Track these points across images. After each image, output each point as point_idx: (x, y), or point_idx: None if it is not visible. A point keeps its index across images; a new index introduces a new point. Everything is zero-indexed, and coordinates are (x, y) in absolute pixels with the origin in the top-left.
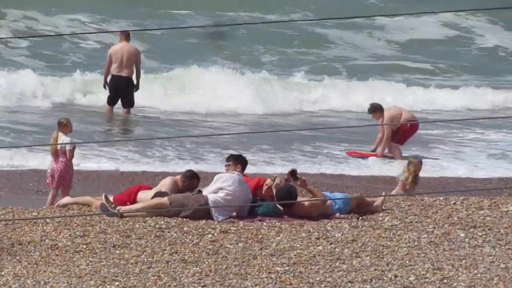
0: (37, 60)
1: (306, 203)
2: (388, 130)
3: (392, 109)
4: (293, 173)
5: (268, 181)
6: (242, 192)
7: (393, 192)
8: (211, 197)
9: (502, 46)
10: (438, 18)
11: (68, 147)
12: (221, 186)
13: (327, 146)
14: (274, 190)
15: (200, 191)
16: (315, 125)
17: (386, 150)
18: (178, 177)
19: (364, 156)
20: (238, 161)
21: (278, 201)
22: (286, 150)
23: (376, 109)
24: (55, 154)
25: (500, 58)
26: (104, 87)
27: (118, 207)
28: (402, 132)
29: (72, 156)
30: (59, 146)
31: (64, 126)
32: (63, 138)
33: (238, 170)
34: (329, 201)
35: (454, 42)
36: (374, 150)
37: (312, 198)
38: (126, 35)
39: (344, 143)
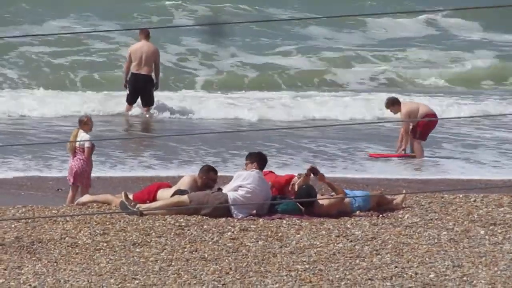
0: None
1: (324, 203)
2: (406, 125)
3: (408, 104)
4: (312, 169)
5: (295, 179)
6: (261, 190)
7: None
8: (231, 195)
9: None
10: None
11: (86, 144)
12: (240, 184)
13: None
14: (296, 188)
15: (220, 189)
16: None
17: (408, 150)
18: (197, 175)
19: (387, 158)
20: (254, 159)
21: (298, 199)
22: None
23: (394, 103)
24: (73, 151)
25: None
26: (125, 86)
27: (138, 205)
28: (421, 127)
29: (90, 153)
30: (77, 143)
31: (84, 124)
32: (82, 135)
33: (254, 168)
34: (348, 199)
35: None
36: (399, 149)
37: (331, 197)
38: (146, 34)
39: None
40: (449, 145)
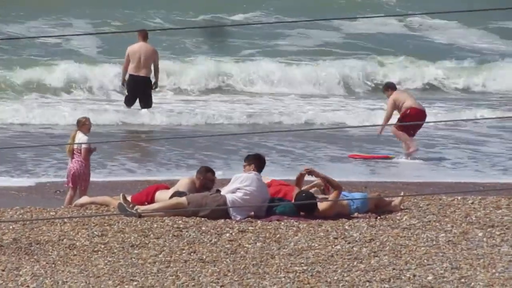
0: None
1: (320, 207)
2: (388, 109)
3: (398, 93)
4: (307, 170)
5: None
6: (260, 192)
7: None
8: (229, 197)
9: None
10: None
11: (84, 146)
12: (239, 186)
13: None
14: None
15: (218, 191)
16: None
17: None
18: (195, 177)
19: (367, 159)
20: (252, 161)
21: (296, 202)
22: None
23: (387, 88)
24: (71, 153)
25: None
26: (123, 85)
27: (136, 207)
28: (402, 118)
29: (87, 155)
30: (75, 145)
31: (83, 125)
32: (80, 137)
33: (252, 169)
34: (346, 201)
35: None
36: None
37: (328, 199)
38: (144, 35)
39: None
40: (446, 148)
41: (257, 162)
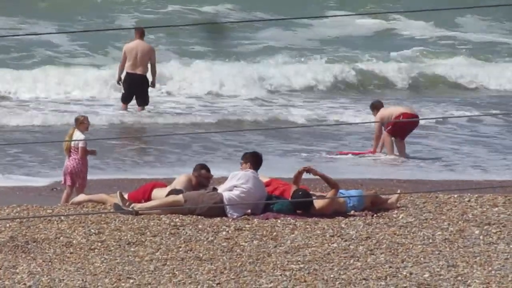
0: None
1: (317, 205)
2: (376, 128)
3: (385, 110)
4: (305, 169)
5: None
6: (256, 190)
7: None
8: (226, 195)
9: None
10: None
11: (81, 144)
12: (235, 183)
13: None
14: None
15: (215, 189)
16: None
17: (395, 149)
18: (192, 174)
19: (356, 155)
20: (249, 159)
21: (293, 200)
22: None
23: (373, 107)
24: (68, 151)
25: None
26: (118, 83)
27: (133, 205)
28: (392, 124)
29: (84, 153)
30: (72, 143)
31: (81, 123)
32: (77, 135)
33: (249, 167)
34: (343, 199)
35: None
36: (375, 148)
37: (323, 197)
38: (140, 33)
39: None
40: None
41: (253, 160)
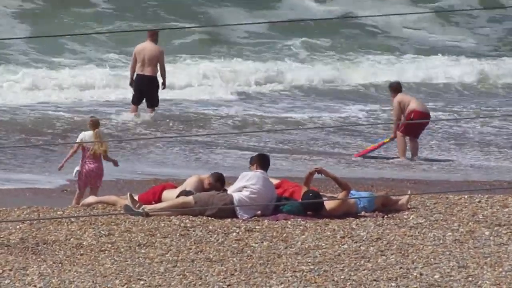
0: None
1: (328, 206)
2: (395, 110)
3: (404, 95)
4: (316, 169)
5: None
6: (266, 191)
7: None
8: (236, 196)
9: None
10: None
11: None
12: (245, 184)
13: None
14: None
15: (225, 190)
16: None
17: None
18: (204, 176)
19: (373, 150)
20: (255, 161)
21: (303, 201)
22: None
23: (390, 88)
24: (96, 154)
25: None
26: (130, 85)
27: (143, 206)
28: (411, 119)
29: (106, 156)
30: (89, 144)
31: (97, 124)
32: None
33: (256, 169)
34: (353, 200)
35: None
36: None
37: (334, 199)
38: (151, 34)
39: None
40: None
41: (259, 161)
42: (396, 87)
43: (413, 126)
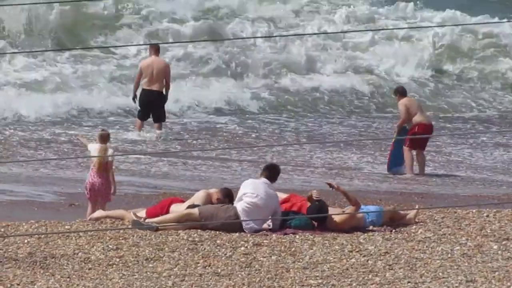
0: None
1: (337, 218)
2: (402, 113)
3: (411, 100)
4: (328, 184)
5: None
6: (267, 197)
7: None
8: (239, 206)
9: None
10: None
11: (110, 159)
12: (244, 191)
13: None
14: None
15: (231, 202)
16: None
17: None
18: (212, 190)
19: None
20: (262, 171)
21: (309, 215)
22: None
23: (396, 92)
24: (101, 168)
25: None
26: (133, 100)
27: (147, 221)
28: (410, 134)
29: (109, 168)
30: (104, 159)
31: (106, 138)
32: (110, 152)
33: (263, 177)
34: (362, 214)
35: None
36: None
37: (343, 213)
38: (155, 49)
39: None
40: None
41: (266, 171)
42: (401, 91)
43: (419, 138)
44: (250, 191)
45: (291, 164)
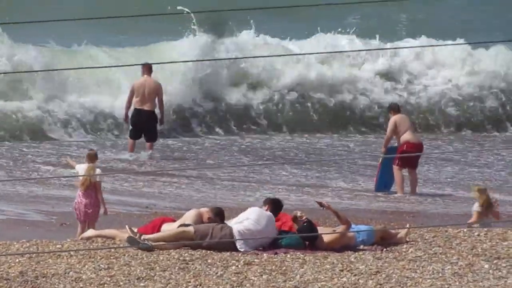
0: None
1: (327, 237)
2: (388, 132)
3: (403, 117)
4: (319, 203)
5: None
6: (267, 226)
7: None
8: (236, 228)
9: None
10: None
11: (98, 179)
12: (248, 216)
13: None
14: (294, 225)
15: (224, 223)
16: None
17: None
18: (203, 209)
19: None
20: (266, 203)
21: (301, 234)
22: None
23: (389, 109)
24: (89, 187)
25: None
26: (125, 121)
27: (143, 237)
28: (399, 152)
29: (99, 188)
30: (92, 178)
31: (95, 158)
32: (98, 171)
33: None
34: (352, 233)
35: None
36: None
37: (334, 232)
38: (148, 68)
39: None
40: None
41: (271, 204)
42: (394, 108)
43: (408, 156)
44: (254, 218)
45: (279, 183)
